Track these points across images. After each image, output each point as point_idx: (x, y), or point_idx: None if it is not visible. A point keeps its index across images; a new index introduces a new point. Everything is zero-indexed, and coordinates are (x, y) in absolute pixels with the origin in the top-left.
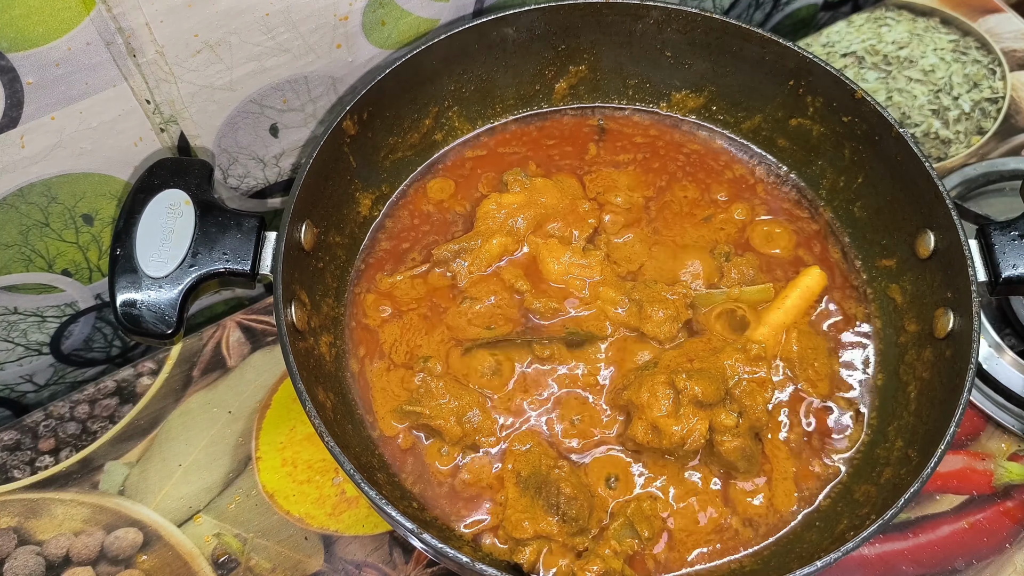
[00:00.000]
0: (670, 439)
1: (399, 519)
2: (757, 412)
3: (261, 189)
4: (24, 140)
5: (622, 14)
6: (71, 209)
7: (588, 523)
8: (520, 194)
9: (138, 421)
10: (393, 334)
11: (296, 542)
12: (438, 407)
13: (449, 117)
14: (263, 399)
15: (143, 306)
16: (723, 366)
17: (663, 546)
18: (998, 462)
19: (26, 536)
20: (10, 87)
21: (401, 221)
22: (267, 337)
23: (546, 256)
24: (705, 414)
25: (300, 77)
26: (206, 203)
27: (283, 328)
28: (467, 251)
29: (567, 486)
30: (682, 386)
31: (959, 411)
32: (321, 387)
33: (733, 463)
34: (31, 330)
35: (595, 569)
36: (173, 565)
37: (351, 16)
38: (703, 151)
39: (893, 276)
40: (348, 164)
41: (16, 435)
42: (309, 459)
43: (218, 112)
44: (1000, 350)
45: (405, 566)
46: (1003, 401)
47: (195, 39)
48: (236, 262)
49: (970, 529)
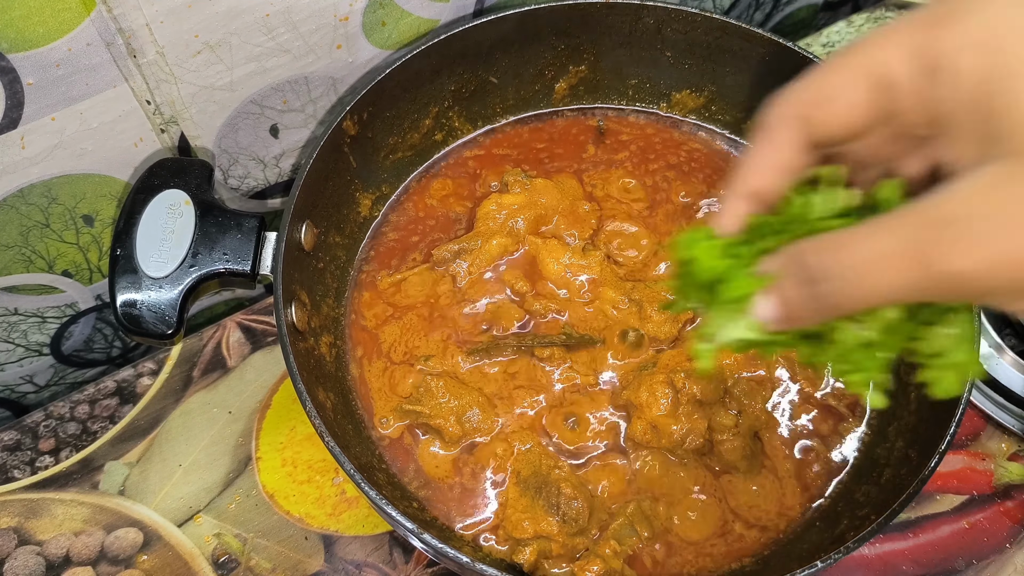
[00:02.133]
0: (669, 438)
1: (399, 519)
2: (756, 411)
3: (261, 190)
4: (24, 141)
5: (622, 14)
6: (71, 210)
7: (588, 523)
8: (520, 194)
9: (138, 421)
10: (393, 334)
11: (296, 542)
12: (438, 406)
13: (449, 117)
14: (263, 399)
15: (143, 306)
16: (722, 365)
17: (663, 546)
18: (998, 462)
19: (26, 536)
20: (10, 88)
21: (401, 222)
22: (267, 337)
23: (546, 256)
24: (704, 413)
25: (300, 77)
26: (206, 203)
27: (283, 328)
28: (467, 251)
29: (567, 486)
30: (681, 385)
31: (959, 411)
32: (321, 387)
33: (732, 463)
34: (31, 331)
35: (595, 569)
36: (173, 565)
37: (351, 17)
38: (703, 151)
39: None
40: (348, 164)
41: (16, 435)
42: (309, 459)
43: (218, 113)
44: (1000, 350)
45: (405, 566)
46: (1003, 401)
47: (195, 40)
48: (236, 262)
49: (970, 529)
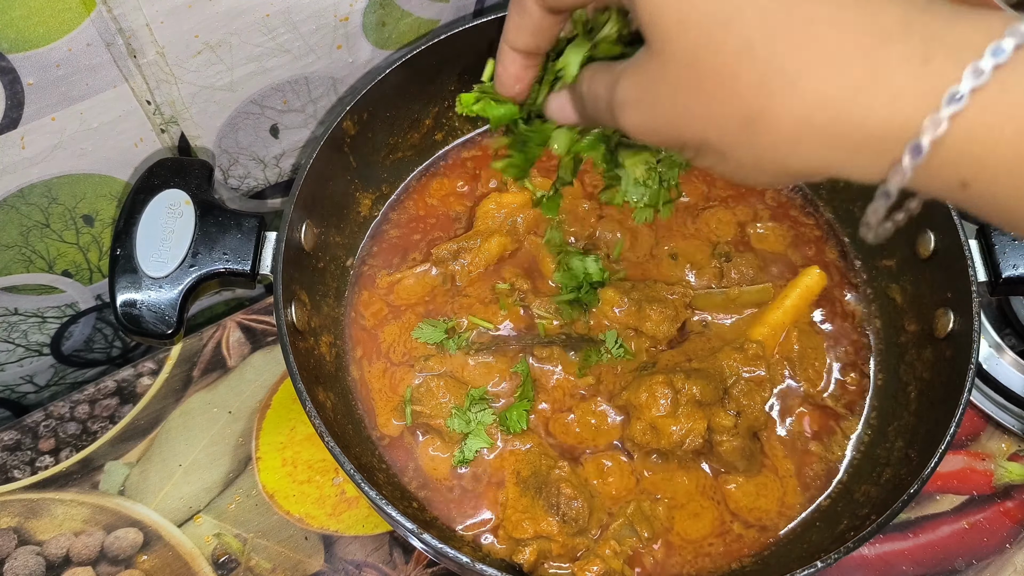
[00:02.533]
0: (669, 439)
1: (399, 519)
2: (755, 412)
3: (261, 189)
4: (24, 141)
5: None
6: (71, 210)
7: (588, 524)
8: (520, 194)
9: (138, 421)
10: (392, 334)
11: (296, 542)
12: (438, 406)
13: (449, 117)
14: (263, 399)
15: (143, 306)
16: (721, 366)
17: (663, 546)
18: (998, 462)
19: (26, 536)
20: (11, 88)
21: (401, 221)
22: (267, 337)
23: (545, 255)
24: (703, 414)
25: (300, 78)
26: (206, 203)
27: (283, 328)
28: (467, 250)
29: (567, 487)
30: (680, 386)
31: (959, 411)
32: (321, 387)
33: (732, 463)
34: (32, 331)
35: (595, 569)
36: (173, 565)
37: (351, 17)
38: None
39: (893, 276)
40: (348, 164)
41: (16, 435)
42: (309, 459)
43: (218, 113)
44: (1000, 350)
45: (405, 566)
46: (1003, 401)
47: (195, 40)
48: (236, 262)
49: (970, 529)
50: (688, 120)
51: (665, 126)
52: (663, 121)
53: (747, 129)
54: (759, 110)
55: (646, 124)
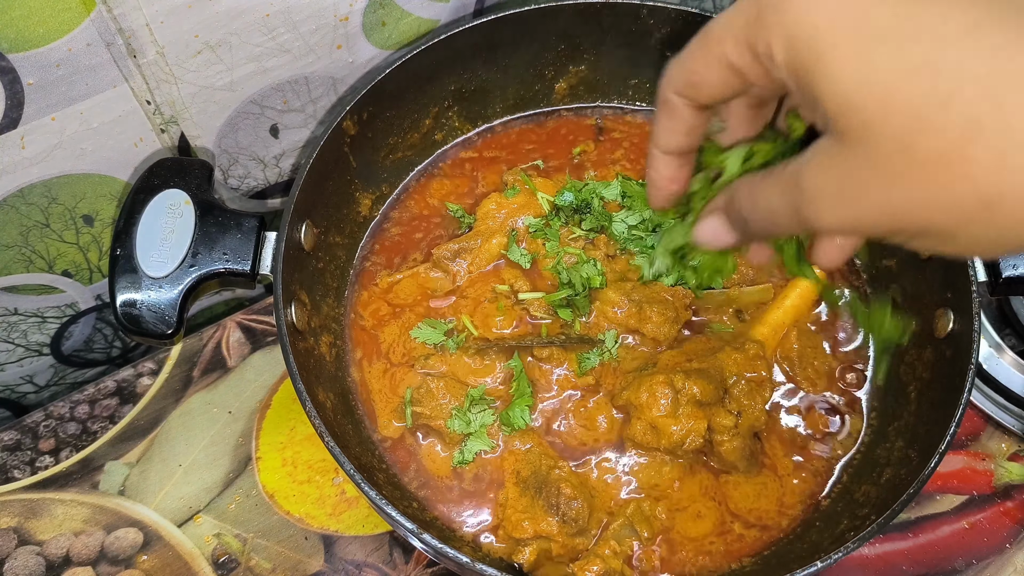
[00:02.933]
0: (669, 439)
1: (399, 519)
2: (756, 412)
3: (261, 189)
4: (24, 141)
5: (622, 14)
6: (71, 210)
7: (588, 524)
8: (520, 194)
9: (138, 421)
10: (392, 334)
11: (296, 542)
12: (438, 407)
13: (449, 117)
14: (263, 399)
15: (143, 306)
16: (722, 366)
17: (662, 546)
18: (998, 462)
19: (26, 536)
20: (10, 88)
21: (401, 221)
22: (267, 337)
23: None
24: (704, 414)
25: (300, 78)
26: (206, 203)
27: (283, 328)
28: (467, 251)
29: (567, 487)
30: (681, 386)
31: (959, 411)
32: (321, 387)
33: (732, 463)
34: (31, 331)
35: (595, 569)
36: (173, 565)
37: (351, 17)
38: None
39: (893, 276)
40: (348, 164)
41: (16, 435)
42: (309, 459)
43: (218, 113)
44: (1000, 350)
45: (405, 566)
46: (1003, 401)
47: (195, 40)
48: (236, 262)
49: (970, 529)
50: (908, 208)
51: (879, 216)
52: (876, 212)
53: (986, 211)
54: (999, 190)
55: (852, 216)
